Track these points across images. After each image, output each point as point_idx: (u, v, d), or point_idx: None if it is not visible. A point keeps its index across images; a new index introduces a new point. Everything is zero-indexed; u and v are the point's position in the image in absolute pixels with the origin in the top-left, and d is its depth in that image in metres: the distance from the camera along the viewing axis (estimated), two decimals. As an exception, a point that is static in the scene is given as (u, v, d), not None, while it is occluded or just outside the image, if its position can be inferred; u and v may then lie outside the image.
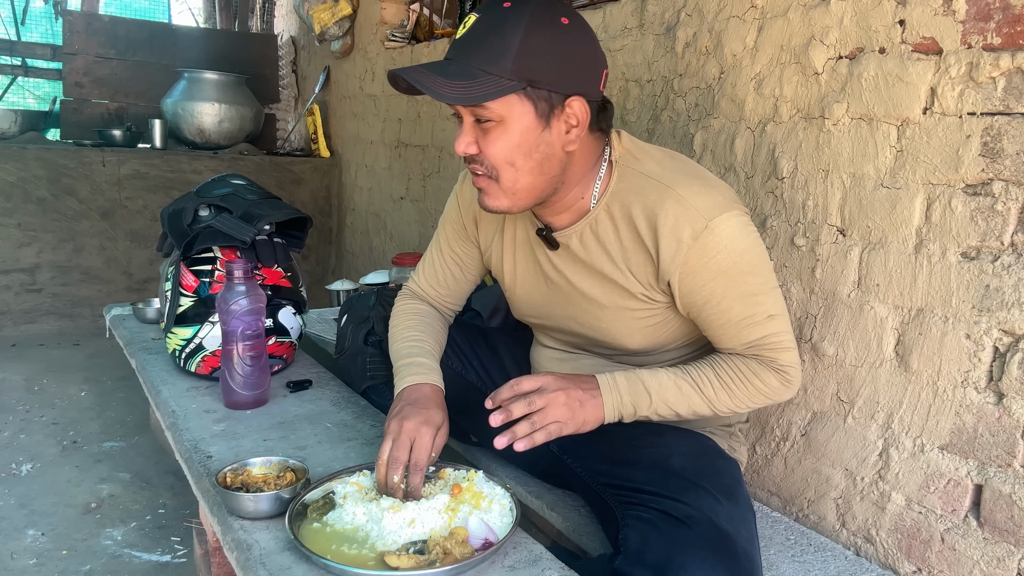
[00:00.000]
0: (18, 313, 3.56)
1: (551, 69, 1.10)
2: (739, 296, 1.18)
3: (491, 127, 1.12)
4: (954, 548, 1.26)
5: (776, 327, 1.20)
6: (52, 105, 4.34)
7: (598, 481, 1.32)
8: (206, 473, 1.32)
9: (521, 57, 1.08)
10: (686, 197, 1.15)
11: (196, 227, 1.76)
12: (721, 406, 1.24)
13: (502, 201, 1.19)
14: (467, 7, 2.95)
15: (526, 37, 1.08)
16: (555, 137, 1.14)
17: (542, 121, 1.12)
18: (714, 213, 1.14)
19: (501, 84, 1.08)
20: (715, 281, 1.17)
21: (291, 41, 4.79)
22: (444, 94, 1.08)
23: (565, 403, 1.17)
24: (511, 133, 1.12)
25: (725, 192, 1.21)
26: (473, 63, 1.09)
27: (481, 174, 1.18)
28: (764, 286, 1.19)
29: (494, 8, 1.11)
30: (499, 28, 1.09)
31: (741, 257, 1.16)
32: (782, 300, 1.23)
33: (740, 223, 1.17)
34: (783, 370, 1.22)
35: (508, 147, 1.13)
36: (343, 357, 1.75)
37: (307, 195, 4.21)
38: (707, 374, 1.23)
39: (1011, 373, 1.16)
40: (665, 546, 1.08)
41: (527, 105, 1.11)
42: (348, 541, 1.07)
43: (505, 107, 1.10)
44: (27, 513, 1.97)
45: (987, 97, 1.18)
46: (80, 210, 3.63)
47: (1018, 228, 1.16)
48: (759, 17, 1.57)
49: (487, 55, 1.09)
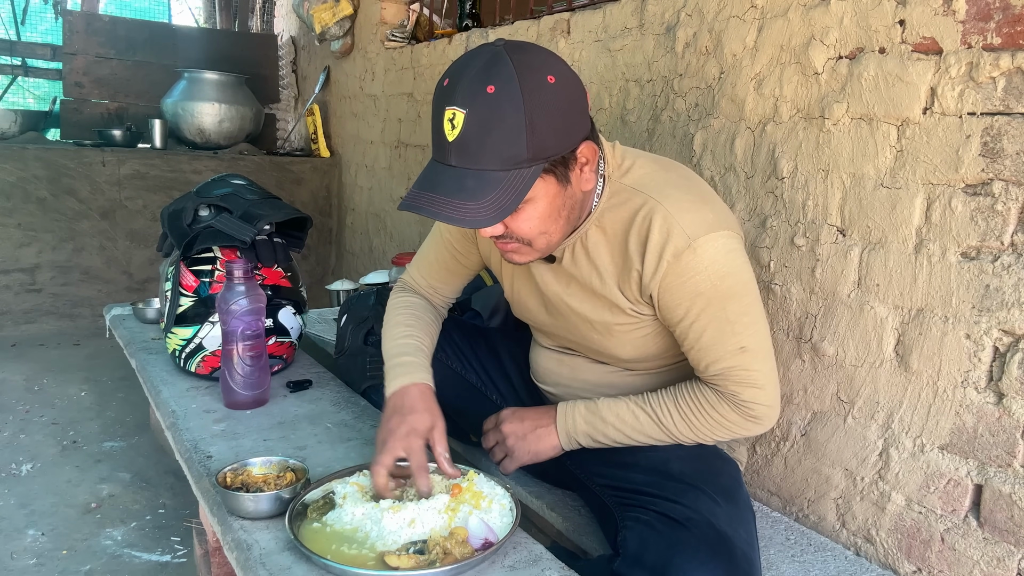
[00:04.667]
0: (18, 313, 3.56)
1: (558, 135, 1.05)
2: (713, 320, 1.15)
3: (518, 211, 1.08)
4: (954, 548, 1.26)
5: (745, 362, 1.17)
6: (52, 105, 4.34)
7: (597, 483, 1.32)
8: (206, 473, 1.32)
9: (532, 141, 1.01)
10: (673, 213, 1.13)
11: (196, 227, 1.76)
12: (682, 437, 1.25)
13: (533, 256, 1.18)
14: (467, 7, 2.95)
15: (530, 120, 1.01)
16: (575, 187, 1.12)
17: (563, 184, 1.10)
18: (699, 232, 1.12)
19: (524, 176, 1.03)
20: (692, 301, 1.15)
21: (291, 41, 4.79)
22: (480, 220, 1.02)
23: (514, 434, 1.35)
24: (539, 209, 1.09)
25: (718, 211, 1.18)
26: (486, 166, 1.02)
27: (510, 243, 1.15)
28: (743, 316, 1.16)
29: (480, 98, 1.00)
30: (498, 120, 1.00)
31: (722, 281, 1.13)
32: (763, 336, 1.19)
33: (726, 246, 1.14)
34: (744, 405, 1.19)
35: (539, 222, 1.10)
36: (343, 357, 1.75)
37: (307, 195, 4.21)
38: (668, 405, 1.24)
39: (1011, 373, 1.16)
40: (663, 548, 1.08)
41: (549, 180, 1.07)
42: (348, 541, 1.07)
43: (531, 191, 1.06)
44: (27, 513, 1.97)
45: (987, 97, 1.18)
46: (80, 210, 3.63)
47: (1018, 228, 1.16)
48: (759, 17, 1.57)
49: (500, 154, 1.01)
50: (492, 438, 1.41)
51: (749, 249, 1.62)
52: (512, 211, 1.03)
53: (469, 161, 1.02)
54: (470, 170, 1.02)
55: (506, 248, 1.16)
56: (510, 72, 1.01)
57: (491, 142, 1.01)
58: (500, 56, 1.03)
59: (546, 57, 1.07)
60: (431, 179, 1.06)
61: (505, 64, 1.01)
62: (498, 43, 1.06)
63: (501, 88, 1.00)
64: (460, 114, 1.01)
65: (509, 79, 1.00)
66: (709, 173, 1.71)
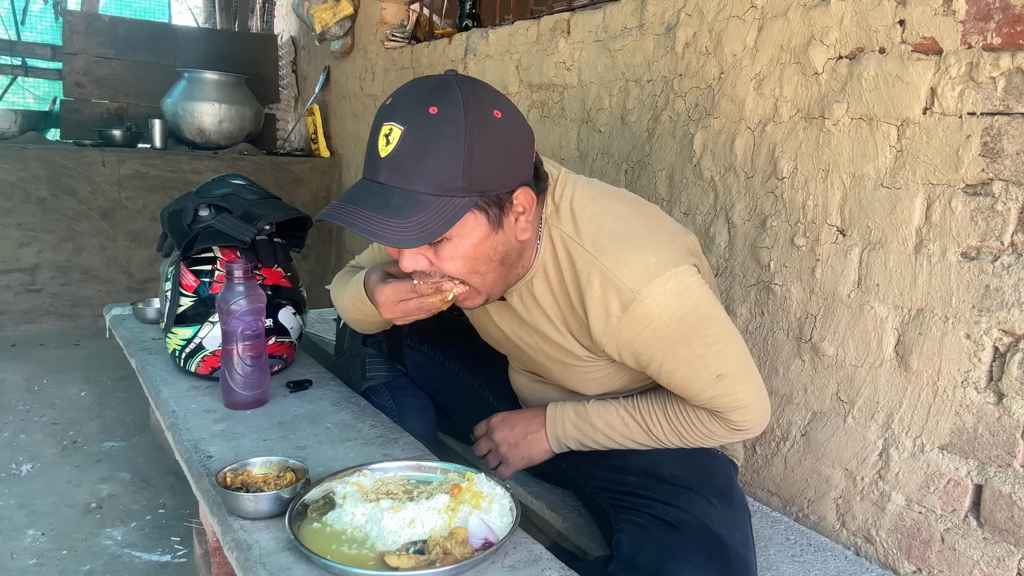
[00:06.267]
0: (18, 313, 3.56)
1: (497, 172, 1.00)
2: (682, 361, 1.12)
3: (443, 245, 1.03)
4: (954, 548, 1.26)
5: (726, 388, 1.15)
6: (52, 105, 4.33)
7: (592, 485, 1.32)
8: (206, 473, 1.32)
9: (468, 171, 0.96)
10: (611, 268, 1.07)
11: (196, 227, 1.75)
12: (668, 443, 1.25)
13: (479, 299, 1.13)
14: (467, 7, 2.95)
15: (468, 147, 0.96)
16: (508, 233, 1.06)
17: (495, 226, 1.03)
18: (642, 283, 1.06)
19: (455, 206, 0.97)
20: (654, 347, 1.11)
21: (291, 41, 4.79)
22: (400, 239, 0.96)
23: (506, 442, 1.37)
24: (464, 248, 1.03)
25: (660, 249, 1.10)
26: (417, 187, 0.97)
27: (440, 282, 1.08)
28: (711, 346, 1.12)
29: (420, 118, 0.96)
30: (436, 142, 0.96)
31: (680, 323, 1.08)
32: (737, 356, 1.16)
33: (676, 287, 1.07)
34: (732, 423, 1.19)
35: (466, 261, 1.04)
36: (342, 358, 1.75)
37: (307, 195, 4.21)
38: (657, 413, 1.24)
39: (1011, 373, 1.16)
40: (658, 552, 1.08)
41: (480, 217, 1.02)
42: (348, 541, 1.07)
43: (458, 226, 1.00)
44: (27, 513, 1.97)
45: (987, 97, 1.18)
46: (80, 210, 3.63)
47: (1018, 228, 1.16)
48: (759, 17, 1.57)
49: (432, 176, 0.96)
50: (484, 445, 1.41)
51: (749, 249, 1.62)
52: (436, 237, 0.97)
53: (399, 180, 0.97)
54: (398, 189, 0.97)
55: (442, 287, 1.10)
56: (456, 98, 0.97)
57: (425, 163, 0.96)
58: (449, 83, 1.00)
59: (496, 95, 1.04)
60: (355, 193, 1.01)
61: (452, 90, 0.98)
62: (448, 73, 1.03)
63: (444, 111, 0.96)
64: (397, 130, 0.97)
65: (454, 104, 0.97)
66: (709, 173, 1.71)
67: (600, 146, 2.09)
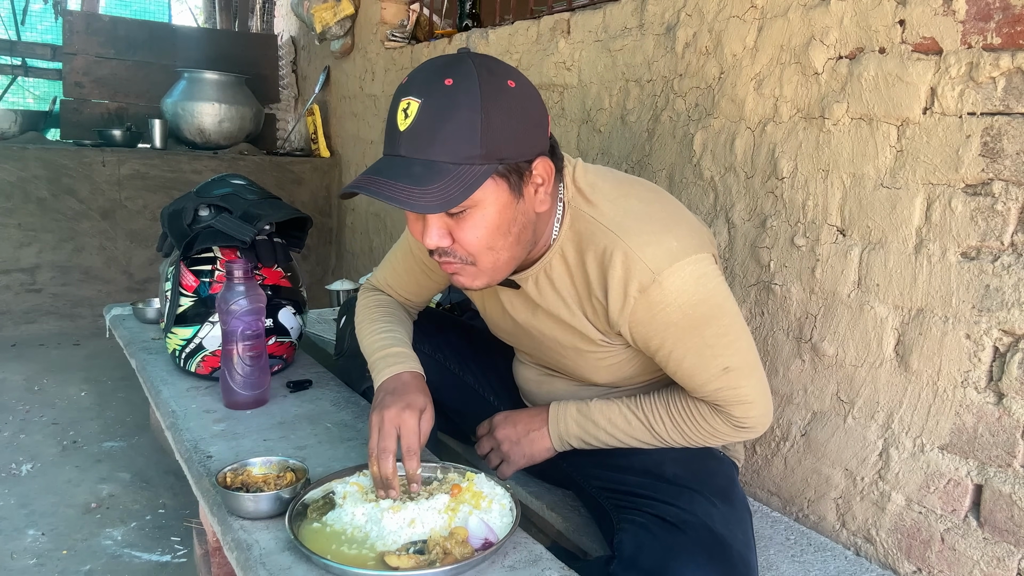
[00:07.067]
0: (18, 313, 3.56)
1: (514, 140, 1.02)
2: (692, 348, 1.12)
3: (465, 215, 1.03)
4: (954, 548, 1.26)
5: (731, 381, 1.15)
6: (52, 105, 4.34)
7: (593, 485, 1.32)
8: (206, 473, 1.32)
9: (487, 138, 0.98)
10: (634, 249, 1.08)
11: (196, 227, 1.76)
12: (671, 441, 1.25)
13: (481, 280, 1.11)
14: (467, 7, 2.95)
15: (485, 115, 0.98)
16: (528, 204, 1.07)
17: (515, 194, 1.04)
18: (663, 265, 1.07)
19: (475, 173, 0.99)
20: (665, 332, 1.11)
21: (291, 41, 4.79)
22: (424, 205, 0.97)
23: (508, 439, 1.37)
24: (488, 216, 1.03)
25: (683, 235, 1.12)
26: (437, 156, 0.99)
27: (454, 263, 1.09)
28: (722, 337, 1.13)
29: (437, 89, 0.99)
30: (453, 111, 0.98)
31: (694, 309, 1.09)
32: (745, 351, 1.17)
33: (693, 273, 1.09)
34: (735, 420, 1.19)
35: (487, 232, 1.04)
36: (343, 357, 1.75)
37: (307, 195, 4.21)
38: (660, 412, 1.24)
39: (1011, 373, 1.16)
40: (659, 552, 1.08)
41: (501, 184, 1.02)
42: (348, 541, 1.07)
43: (480, 192, 1.00)
44: (27, 513, 1.97)
45: (987, 97, 1.18)
46: (80, 210, 3.63)
47: (1018, 228, 1.16)
48: (759, 17, 1.57)
49: (451, 145, 0.98)
50: (486, 444, 1.41)
51: (749, 249, 1.62)
52: (458, 203, 0.98)
53: (419, 150, 0.99)
54: (419, 159, 0.99)
55: (450, 268, 1.10)
56: (470, 70, 1.00)
57: (444, 133, 0.98)
58: (462, 58, 1.03)
59: (509, 68, 1.06)
60: (377, 167, 1.03)
61: (466, 63, 1.01)
62: (461, 51, 1.06)
63: (459, 82, 0.99)
64: (415, 103, 0.99)
65: (468, 75, 0.99)
66: (709, 173, 1.71)
67: (600, 146, 2.09)
